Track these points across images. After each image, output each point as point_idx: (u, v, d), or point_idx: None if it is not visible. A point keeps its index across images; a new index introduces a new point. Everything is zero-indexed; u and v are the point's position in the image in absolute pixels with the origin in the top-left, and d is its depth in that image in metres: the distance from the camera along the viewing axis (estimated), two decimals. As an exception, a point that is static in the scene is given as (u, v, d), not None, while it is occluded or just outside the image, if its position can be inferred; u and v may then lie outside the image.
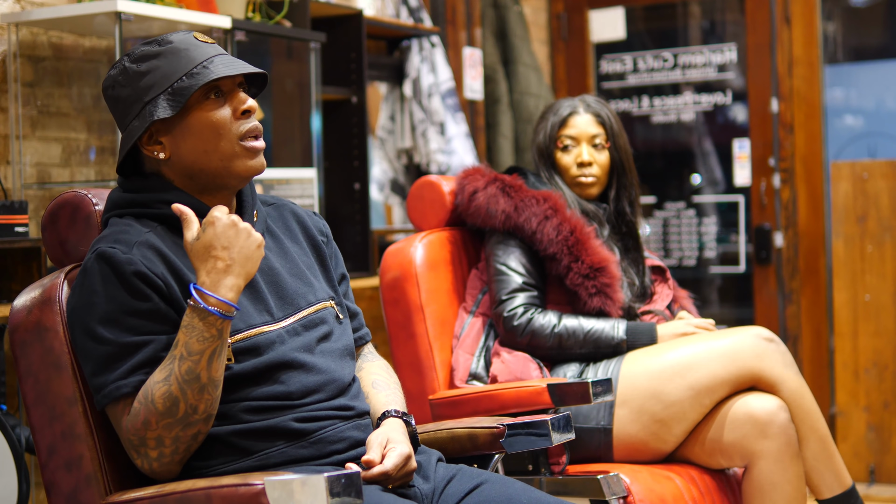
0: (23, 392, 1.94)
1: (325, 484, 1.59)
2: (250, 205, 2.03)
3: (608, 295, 2.96)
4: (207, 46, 1.95)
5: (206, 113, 1.93)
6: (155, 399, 1.79)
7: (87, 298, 1.85)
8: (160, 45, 1.93)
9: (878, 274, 4.71)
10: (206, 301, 1.80)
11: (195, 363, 1.79)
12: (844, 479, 2.84)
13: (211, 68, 1.91)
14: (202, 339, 1.79)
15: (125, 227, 1.91)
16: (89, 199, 2.01)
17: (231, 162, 1.94)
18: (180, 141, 1.93)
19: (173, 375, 1.79)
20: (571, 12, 5.73)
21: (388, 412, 2.05)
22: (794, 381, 2.80)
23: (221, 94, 1.94)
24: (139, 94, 1.92)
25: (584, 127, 3.14)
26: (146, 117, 1.90)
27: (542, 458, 2.61)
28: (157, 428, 1.79)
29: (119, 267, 1.83)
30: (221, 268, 1.82)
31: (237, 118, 1.94)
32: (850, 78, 5.55)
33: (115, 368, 1.82)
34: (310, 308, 2.01)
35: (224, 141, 1.93)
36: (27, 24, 3.32)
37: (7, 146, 3.33)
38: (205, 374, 1.80)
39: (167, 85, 1.90)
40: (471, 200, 3.03)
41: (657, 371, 2.82)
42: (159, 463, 1.82)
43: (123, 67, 1.94)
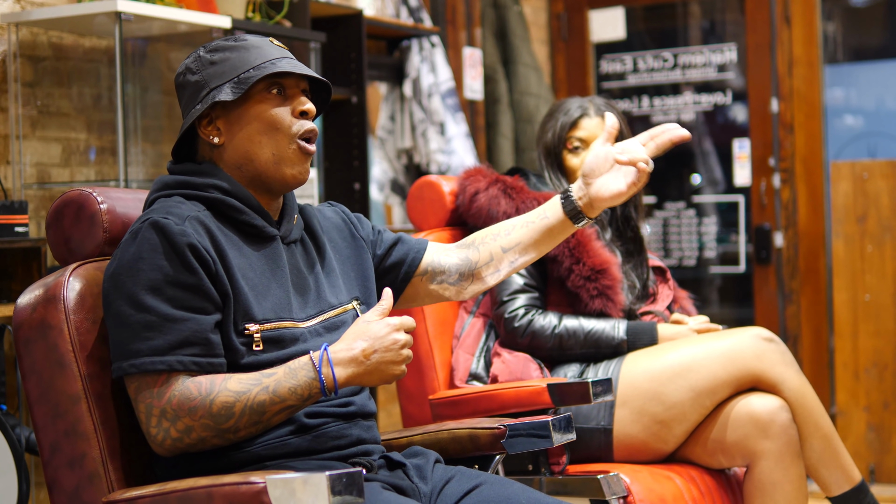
0: (26, 389, 1.93)
1: (326, 483, 1.59)
2: (291, 208, 2.06)
3: (609, 297, 2.96)
4: (281, 50, 2.00)
5: (266, 105, 1.96)
6: (215, 400, 1.80)
7: (132, 264, 1.84)
8: (236, 41, 1.99)
9: (878, 274, 4.71)
10: (323, 366, 1.83)
11: (270, 403, 1.81)
12: (852, 474, 2.83)
13: (277, 64, 1.95)
14: (292, 392, 1.82)
15: (176, 203, 1.92)
16: (94, 198, 2.01)
17: (281, 159, 1.97)
18: (236, 128, 1.96)
19: (245, 396, 1.81)
20: (571, 12, 5.73)
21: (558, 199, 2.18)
22: (795, 381, 2.80)
23: (284, 92, 1.98)
24: (207, 81, 1.96)
25: (594, 130, 3.13)
26: (208, 100, 1.94)
27: (543, 458, 2.61)
28: (197, 420, 1.80)
29: (172, 237, 1.84)
30: (358, 357, 1.84)
31: (295, 117, 1.98)
32: (850, 78, 5.55)
33: (150, 339, 1.81)
34: (332, 311, 2.02)
35: (279, 135, 1.96)
36: (27, 24, 3.31)
37: (7, 146, 3.33)
38: (269, 415, 1.82)
39: (235, 74, 1.94)
40: (472, 201, 3.03)
41: (658, 372, 2.81)
42: (171, 441, 1.82)
43: (197, 56, 1.99)
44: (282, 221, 2.03)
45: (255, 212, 1.97)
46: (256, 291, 1.91)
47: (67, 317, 1.91)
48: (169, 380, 1.81)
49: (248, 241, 1.96)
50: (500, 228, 2.25)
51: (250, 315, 1.89)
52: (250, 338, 1.89)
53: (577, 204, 2.18)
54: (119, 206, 2.03)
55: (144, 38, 3.73)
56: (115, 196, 2.05)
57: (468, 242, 2.27)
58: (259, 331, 1.89)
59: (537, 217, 2.21)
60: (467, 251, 2.25)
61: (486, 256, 2.23)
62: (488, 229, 2.26)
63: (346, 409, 1.97)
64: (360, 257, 2.15)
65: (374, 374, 1.85)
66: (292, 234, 2.03)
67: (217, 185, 1.96)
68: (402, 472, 1.99)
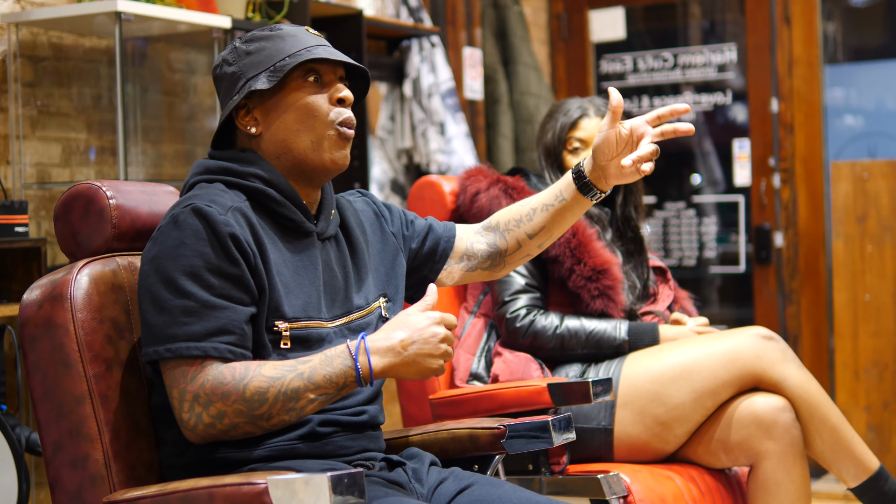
0: (30, 387, 1.93)
1: (328, 483, 1.59)
2: (329, 203, 2.05)
3: (610, 297, 2.96)
4: (317, 38, 1.99)
5: (303, 93, 1.95)
6: (249, 385, 1.78)
7: (173, 248, 1.82)
8: (271, 31, 1.98)
9: (878, 274, 4.71)
10: (360, 355, 1.81)
11: (304, 390, 1.80)
12: (868, 463, 2.80)
13: (313, 51, 1.94)
14: (327, 380, 1.81)
15: (218, 191, 1.91)
16: (104, 193, 2.00)
17: (320, 146, 1.96)
18: (273, 117, 1.95)
19: (280, 382, 1.79)
20: (571, 12, 5.73)
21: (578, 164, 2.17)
22: (797, 377, 2.79)
23: (320, 80, 1.97)
24: (243, 71, 1.95)
25: (593, 130, 3.13)
26: (244, 90, 1.93)
27: (543, 457, 2.61)
28: (229, 405, 1.78)
29: (215, 226, 1.83)
30: (395, 347, 1.83)
31: (332, 104, 1.97)
32: (850, 78, 5.55)
33: (187, 325, 1.80)
34: (359, 312, 2.02)
35: (317, 122, 1.95)
36: (27, 24, 3.31)
37: (7, 146, 3.33)
38: (303, 403, 1.80)
39: (270, 64, 1.93)
40: (473, 201, 3.03)
41: (659, 373, 2.81)
42: (204, 427, 1.80)
43: (234, 47, 1.98)
44: (319, 216, 2.01)
45: (295, 205, 1.96)
46: (288, 289, 1.90)
47: (74, 316, 1.90)
48: (203, 365, 1.80)
49: (284, 235, 1.95)
50: (520, 212, 2.24)
51: (280, 312, 1.88)
52: (278, 335, 1.88)
53: (588, 180, 2.16)
54: (129, 200, 2.02)
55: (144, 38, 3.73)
56: (125, 190, 2.04)
57: (492, 225, 2.26)
58: (288, 329, 1.88)
59: (555, 199, 2.20)
60: (494, 237, 2.25)
61: (514, 244, 2.23)
62: (508, 212, 2.26)
63: (357, 419, 1.96)
64: (388, 252, 2.14)
65: (410, 367, 1.83)
66: (328, 231, 2.02)
67: (258, 175, 1.94)
68: (402, 471, 1.99)
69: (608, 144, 2.11)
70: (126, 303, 1.97)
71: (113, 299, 1.95)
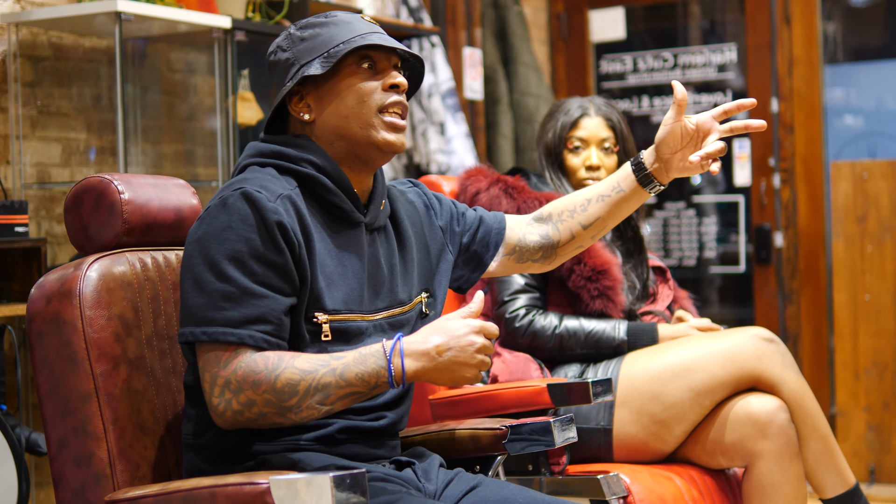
0: (36, 382, 1.92)
1: (330, 483, 1.58)
2: (381, 192, 2.02)
3: (610, 298, 2.96)
4: (371, 25, 1.98)
5: (355, 79, 1.94)
6: (281, 376, 1.77)
7: (219, 231, 1.80)
8: (326, 17, 1.97)
9: (878, 274, 4.71)
10: (394, 356, 1.80)
11: (336, 386, 1.78)
12: (847, 478, 2.84)
13: (367, 38, 1.93)
14: (359, 378, 1.79)
15: (270, 177, 1.89)
16: (115, 187, 1.98)
17: (369, 132, 1.94)
18: (326, 103, 1.94)
19: (311, 376, 1.78)
20: (571, 12, 5.73)
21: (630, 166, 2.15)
22: (794, 382, 2.80)
23: (374, 66, 1.96)
24: (297, 58, 1.94)
25: (594, 130, 3.13)
26: (298, 76, 1.92)
27: (543, 458, 2.61)
28: (259, 395, 1.77)
29: (263, 213, 1.81)
30: (430, 352, 1.80)
31: (384, 90, 1.95)
32: (850, 78, 5.55)
33: (226, 310, 1.78)
34: (400, 308, 2.00)
35: (365, 108, 1.93)
36: (27, 24, 3.31)
37: (7, 146, 3.33)
38: (333, 399, 1.79)
39: (325, 49, 1.92)
40: (473, 201, 3.03)
41: (657, 372, 2.81)
42: (232, 413, 1.78)
43: (288, 34, 1.97)
44: (370, 205, 1.99)
45: (346, 193, 1.94)
46: (330, 280, 1.89)
47: (82, 313, 1.89)
48: (238, 352, 1.78)
49: (332, 224, 1.93)
50: (574, 203, 2.21)
51: (321, 304, 1.86)
52: (318, 327, 1.87)
53: (649, 172, 2.13)
54: (139, 195, 2.01)
55: (144, 38, 3.73)
56: (136, 184, 2.03)
57: (544, 216, 2.24)
58: (328, 321, 1.87)
59: (612, 190, 2.17)
60: (546, 227, 2.23)
61: (567, 235, 2.21)
62: (561, 203, 2.23)
63: (376, 424, 1.95)
64: (435, 246, 2.12)
65: (443, 373, 1.81)
66: (378, 221, 2.00)
67: (311, 161, 1.93)
68: (411, 471, 1.98)
69: (673, 138, 2.08)
70: (135, 300, 1.96)
71: (122, 296, 1.94)
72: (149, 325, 1.98)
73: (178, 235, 2.08)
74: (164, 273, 2.03)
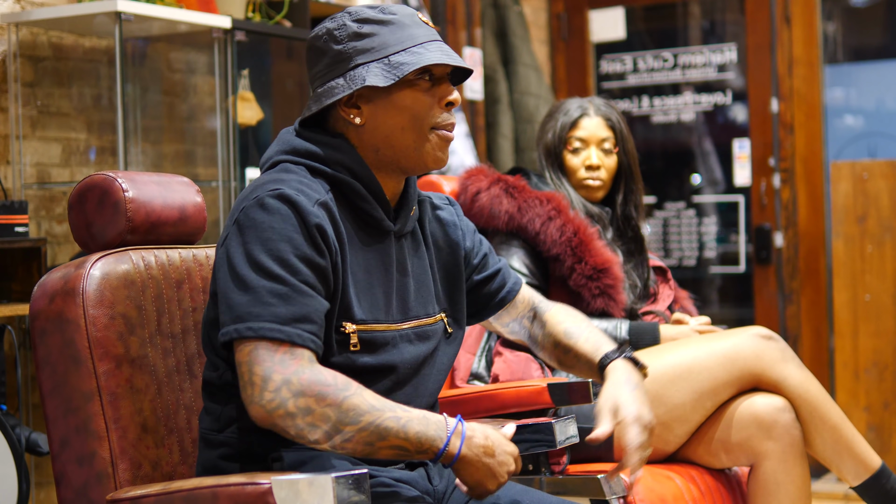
0: (38, 380, 1.92)
1: (332, 484, 1.58)
2: (412, 198, 1.99)
3: (611, 296, 2.96)
4: (428, 29, 1.93)
5: (416, 93, 1.89)
6: (348, 399, 1.72)
7: (261, 231, 1.76)
8: (384, 14, 1.90)
9: (878, 274, 4.71)
10: (454, 436, 1.77)
11: (394, 434, 1.73)
12: (870, 461, 2.80)
13: (431, 51, 1.88)
14: (417, 437, 1.74)
15: (305, 179, 1.85)
16: (119, 185, 1.98)
17: (422, 146, 1.90)
18: (381, 112, 1.89)
19: (378, 413, 1.73)
20: (571, 12, 5.73)
21: (609, 355, 2.06)
22: (796, 377, 2.79)
23: (433, 78, 1.91)
24: (352, 54, 1.88)
25: (594, 130, 3.13)
26: (356, 79, 1.86)
27: (543, 458, 2.61)
28: (321, 407, 1.71)
29: (305, 215, 1.78)
30: (481, 448, 1.79)
31: (441, 107, 1.91)
32: (850, 78, 5.55)
33: (273, 306, 1.74)
34: (427, 318, 1.98)
35: (424, 124, 1.89)
36: (27, 24, 3.31)
37: (7, 146, 3.33)
38: (384, 445, 1.74)
39: (384, 54, 1.87)
40: (474, 201, 3.03)
41: (658, 374, 2.81)
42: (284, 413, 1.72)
43: (343, 24, 1.89)
44: (400, 212, 1.96)
45: (378, 201, 1.91)
46: (359, 289, 1.86)
47: (86, 311, 1.89)
48: (294, 352, 1.74)
49: (363, 231, 1.90)
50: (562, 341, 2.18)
51: (350, 314, 1.84)
52: (346, 336, 1.83)
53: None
54: (143, 193, 2.00)
55: (144, 38, 3.73)
56: (141, 182, 2.02)
57: (540, 321, 2.23)
58: (356, 331, 1.84)
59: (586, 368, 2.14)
60: (536, 331, 2.23)
61: (547, 350, 2.22)
62: (556, 331, 2.20)
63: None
64: (457, 269, 2.08)
65: (479, 470, 1.80)
66: (406, 227, 1.97)
67: (347, 165, 1.89)
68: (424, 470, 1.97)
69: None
70: (138, 298, 1.96)
71: (125, 295, 1.94)
72: (152, 323, 1.97)
73: (181, 233, 2.08)
74: (167, 271, 2.03)
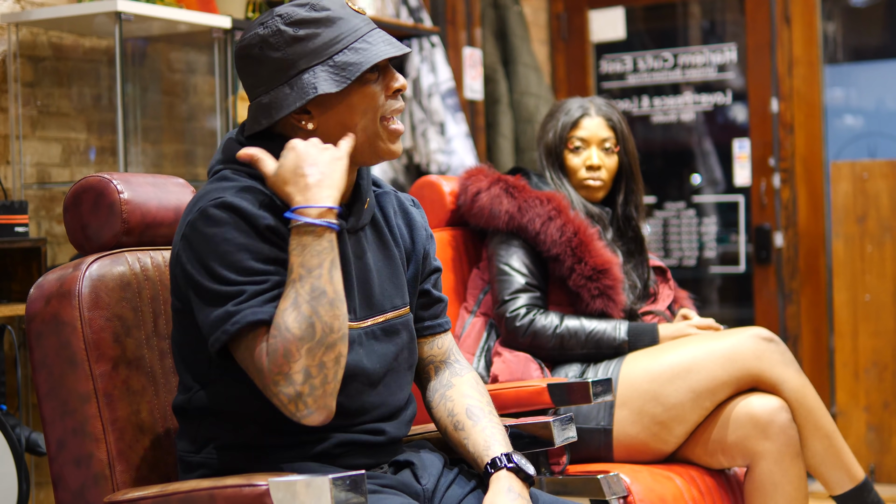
0: (35, 383, 1.92)
1: (329, 485, 1.58)
2: (366, 190, 1.95)
3: (611, 297, 2.96)
4: (361, 18, 1.87)
5: (366, 89, 1.85)
6: (289, 326, 1.69)
7: (214, 246, 1.74)
8: (315, 11, 1.84)
9: (878, 274, 4.71)
10: (307, 214, 1.72)
11: (317, 279, 1.70)
12: (855, 473, 2.83)
13: (373, 44, 1.84)
14: (316, 254, 1.71)
15: (246, 185, 1.81)
16: (114, 187, 1.98)
17: (375, 142, 1.87)
18: (334, 115, 1.85)
19: (300, 297, 1.69)
20: (571, 12, 5.73)
21: (496, 462, 1.91)
22: (795, 380, 2.80)
23: (378, 69, 1.86)
24: (294, 60, 1.82)
25: (595, 130, 3.13)
26: (305, 88, 1.81)
27: (543, 458, 2.61)
28: (300, 356, 1.68)
29: (252, 219, 1.75)
30: (314, 182, 1.74)
31: (388, 97, 1.88)
32: (850, 78, 5.55)
33: (247, 300, 1.71)
34: (394, 311, 1.94)
35: (374, 117, 1.86)
36: (27, 24, 3.31)
37: (7, 146, 3.33)
38: (329, 287, 1.71)
39: (328, 55, 1.82)
40: (474, 201, 3.03)
41: (657, 373, 2.81)
42: (313, 398, 1.69)
43: (277, 29, 1.83)
44: (353, 206, 1.91)
45: None
46: None
47: (81, 314, 1.89)
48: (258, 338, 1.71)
49: None
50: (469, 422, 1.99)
51: None
52: None
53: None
54: (139, 195, 2.00)
55: (144, 38, 3.73)
56: (136, 183, 2.02)
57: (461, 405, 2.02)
58: None
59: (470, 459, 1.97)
60: (442, 390, 2.03)
61: (438, 414, 2.03)
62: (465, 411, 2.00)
63: (375, 439, 1.89)
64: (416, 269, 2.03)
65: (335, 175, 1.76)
66: (361, 221, 1.93)
67: None
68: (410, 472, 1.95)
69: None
70: (134, 300, 1.96)
71: (121, 297, 1.94)
72: (148, 325, 1.98)
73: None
74: (163, 273, 2.03)
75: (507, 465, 1.91)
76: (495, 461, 1.92)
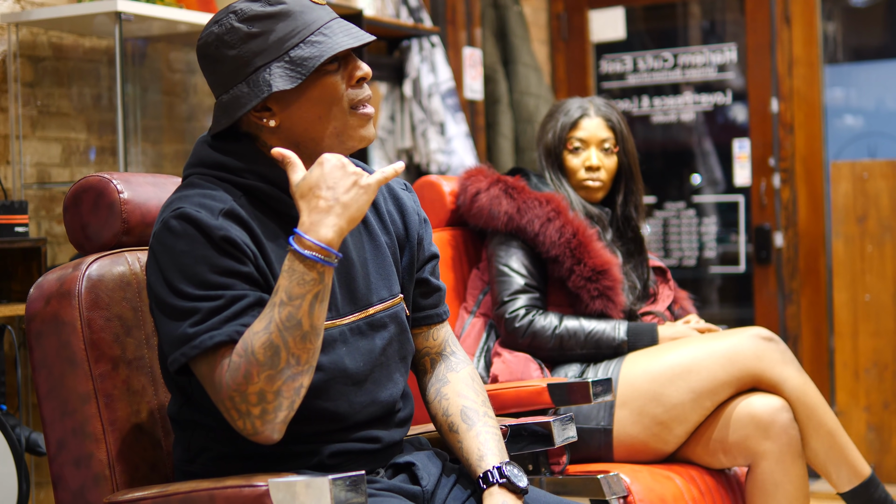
0: (35, 382, 1.92)
1: (329, 486, 1.58)
2: None
3: (610, 298, 2.96)
4: (320, 8, 1.83)
5: (326, 80, 1.80)
6: (255, 349, 1.66)
7: (173, 258, 1.72)
8: (271, 6, 1.79)
9: (878, 274, 4.71)
10: (302, 245, 1.69)
11: (296, 308, 1.67)
12: (861, 469, 2.82)
13: (330, 36, 1.80)
14: (302, 283, 1.67)
15: (209, 191, 1.78)
16: (114, 187, 1.97)
17: (344, 131, 1.83)
18: (295, 110, 1.80)
19: (273, 323, 1.66)
20: (571, 12, 5.73)
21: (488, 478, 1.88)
22: (795, 379, 2.80)
23: (337, 59, 1.81)
24: (249, 57, 1.78)
25: (594, 130, 3.13)
26: (261, 86, 1.78)
27: (543, 457, 2.61)
28: (259, 381, 1.65)
29: (208, 231, 1.71)
30: (323, 207, 1.70)
31: (351, 86, 1.83)
32: (850, 78, 5.55)
33: (204, 321, 1.69)
34: (381, 304, 1.89)
35: (339, 109, 1.82)
36: (27, 24, 3.31)
37: (7, 146, 3.33)
38: (306, 320, 1.67)
39: (283, 51, 1.78)
40: (473, 201, 3.03)
41: (657, 373, 2.81)
42: (262, 421, 1.67)
43: (231, 27, 1.79)
44: None
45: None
46: None
47: (81, 314, 1.89)
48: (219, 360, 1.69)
49: (287, 228, 1.83)
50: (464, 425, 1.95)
51: None
52: None
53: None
54: (138, 195, 2.00)
55: (144, 38, 3.73)
56: (136, 183, 2.02)
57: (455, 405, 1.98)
58: None
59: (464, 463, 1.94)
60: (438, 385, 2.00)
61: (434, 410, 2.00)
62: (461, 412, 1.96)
63: (370, 447, 1.87)
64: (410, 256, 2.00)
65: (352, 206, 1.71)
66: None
67: (257, 171, 1.82)
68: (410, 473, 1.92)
69: None
70: (134, 300, 1.96)
71: (121, 297, 1.94)
72: (148, 325, 1.97)
73: (177, 235, 2.07)
74: (163, 273, 2.02)
75: (499, 481, 1.87)
76: (487, 476, 1.88)
